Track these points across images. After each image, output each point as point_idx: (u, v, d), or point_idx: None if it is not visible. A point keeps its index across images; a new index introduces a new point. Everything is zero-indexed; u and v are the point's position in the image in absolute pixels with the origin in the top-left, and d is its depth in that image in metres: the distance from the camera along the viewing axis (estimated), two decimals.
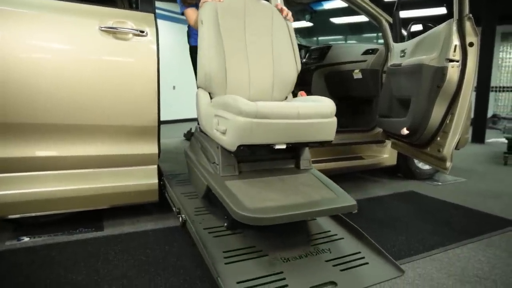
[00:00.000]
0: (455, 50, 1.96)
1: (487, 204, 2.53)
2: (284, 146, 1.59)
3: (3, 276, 1.49)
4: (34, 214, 1.83)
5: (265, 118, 1.49)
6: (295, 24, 3.47)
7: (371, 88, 3.03)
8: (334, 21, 7.61)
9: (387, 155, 3.05)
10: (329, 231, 1.77)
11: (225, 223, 1.69)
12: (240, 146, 1.51)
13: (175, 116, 7.62)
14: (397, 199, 2.65)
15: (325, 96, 1.77)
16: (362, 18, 3.16)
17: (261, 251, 1.54)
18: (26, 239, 1.84)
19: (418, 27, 3.32)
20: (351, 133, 2.86)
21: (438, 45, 2.05)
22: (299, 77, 2.06)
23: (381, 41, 2.94)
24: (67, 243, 1.80)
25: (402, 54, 2.48)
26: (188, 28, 2.73)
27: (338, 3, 4.78)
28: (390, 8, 2.73)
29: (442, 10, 6.90)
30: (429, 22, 2.66)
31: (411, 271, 1.57)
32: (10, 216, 1.81)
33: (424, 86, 2.10)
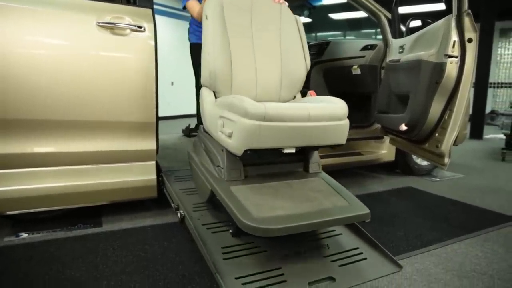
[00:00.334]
0: (453, 46, 1.95)
1: (485, 200, 2.54)
2: (293, 150, 1.52)
3: (2, 272, 1.49)
4: (32, 210, 1.83)
5: (274, 121, 1.41)
6: None
7: (370, 84, 3.03)
8: (333, 17, 7.59)
9: (386, 151, 3.06)
10: None
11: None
12: (246, 150, 1.44)
13: (173, 112, 7.62)
14: (395, 195, 2.65)
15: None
16: (360, 14, 3.15)
17: (259, 247, 1.54)
18: (24, 235, 1.84)
19: (417, 22, 3.31)
20: (350, 129, 2.85)
21: (437, 41, 2.04)
22: None
23: (379, 37, 2.93)
24: (65, 239, 1.80)
25: (401, 50, 2.47)
26: (189, 25, 2.69)
27: None
28: (389, 3, 2.72)
29: (441, 6, 6.87)
30: (428, 18, 2.64)
31: (409, 267, 1.58)
32: (9, 212, 1.81)
33: (422, 82, 2.09)
